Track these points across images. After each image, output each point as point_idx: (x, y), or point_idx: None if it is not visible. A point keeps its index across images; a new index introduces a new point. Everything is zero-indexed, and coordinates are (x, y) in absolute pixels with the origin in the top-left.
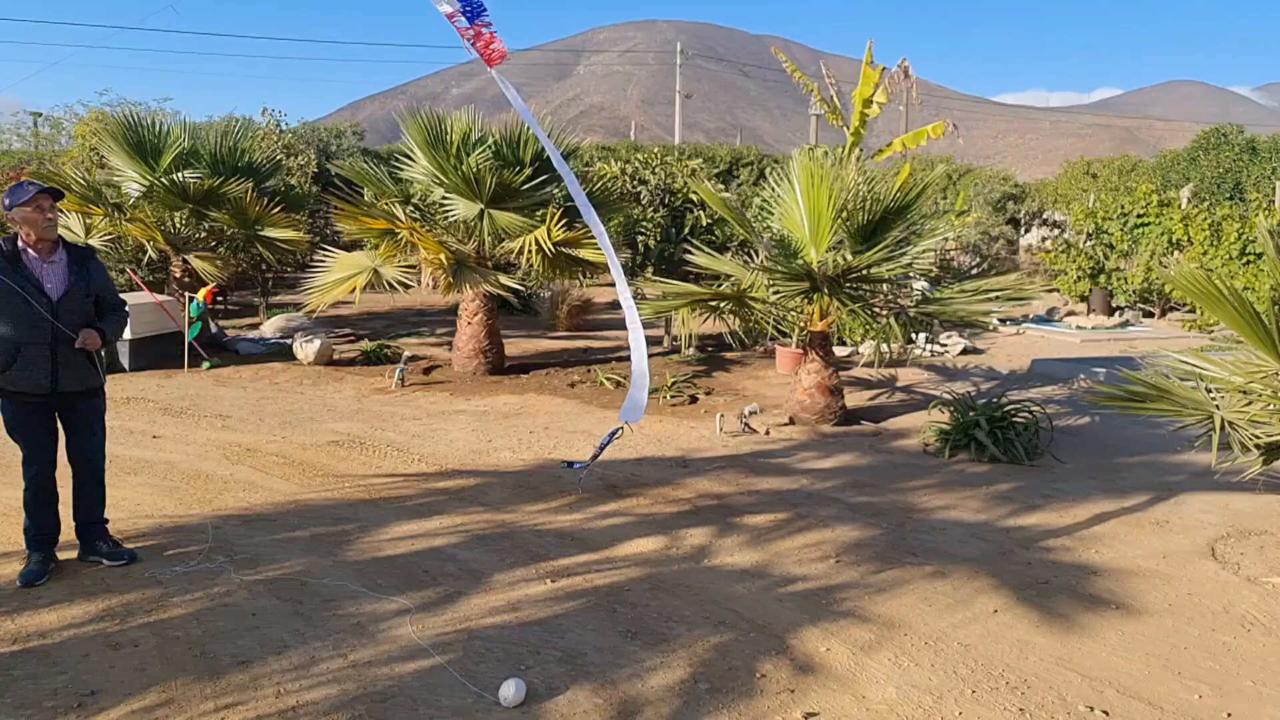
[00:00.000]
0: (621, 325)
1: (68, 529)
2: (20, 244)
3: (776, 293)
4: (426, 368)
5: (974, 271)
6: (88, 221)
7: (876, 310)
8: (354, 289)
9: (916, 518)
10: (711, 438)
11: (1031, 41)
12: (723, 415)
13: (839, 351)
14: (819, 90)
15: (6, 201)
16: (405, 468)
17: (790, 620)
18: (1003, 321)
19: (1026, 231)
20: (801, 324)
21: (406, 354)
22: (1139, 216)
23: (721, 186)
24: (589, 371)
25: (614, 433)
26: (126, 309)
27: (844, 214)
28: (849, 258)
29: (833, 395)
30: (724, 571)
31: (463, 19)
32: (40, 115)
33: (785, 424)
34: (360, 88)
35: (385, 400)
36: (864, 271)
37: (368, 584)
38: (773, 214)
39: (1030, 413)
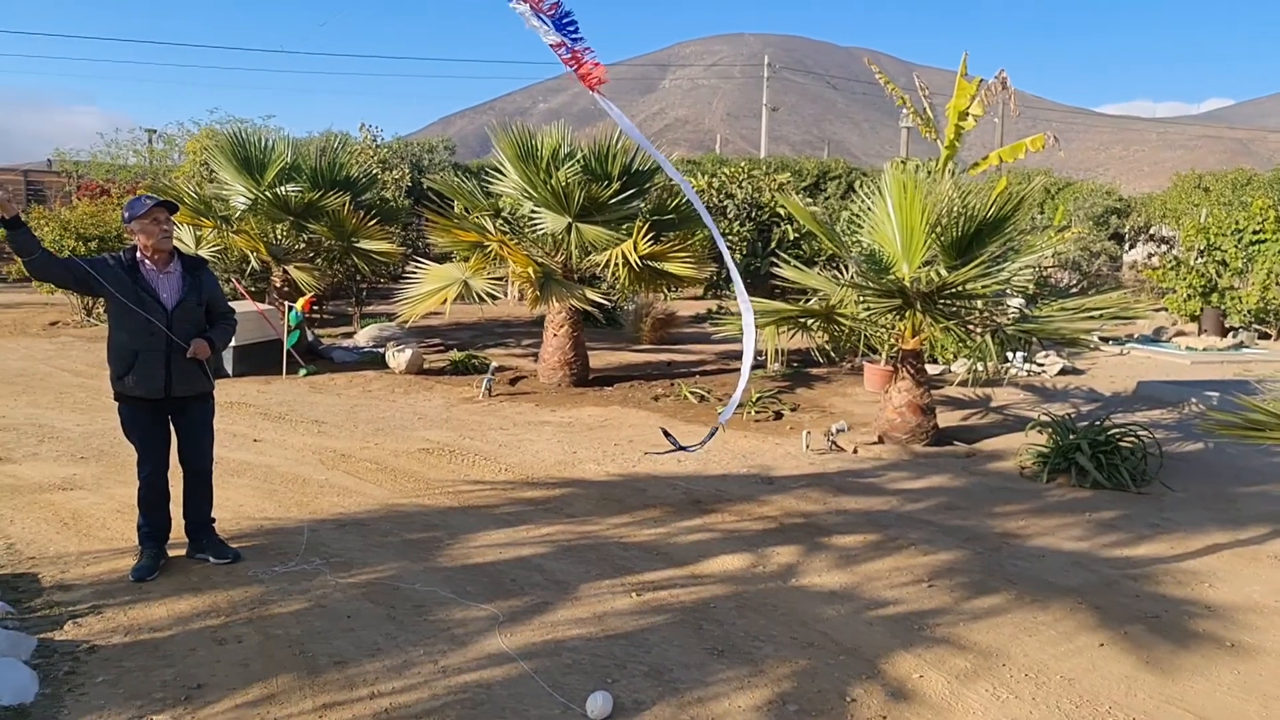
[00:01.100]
0: (705, 339)
1: (177, 527)
2: (138, 255)
3: (867, 309)
4: (513, 378)
5: (1074, 289)
6: (198, 233)
7: (971, 328)
8: (444, 300)
9: (1013, 543)
10: (798, 455)
11: (1136, 50)
12: (809, 432)
13: (929, 369)
14: (911, 102)
15: (126, 214)
16: (493, 476)
17: (881, 644)
18: (1105, 341)
19: (1131, 247)
20: (892, 340)
21: (494, 364)
22: (1255, 233)
23: (810, 200)
24: (673, 385)
25: (713, 432)
26: (235, 317)
27: (938, 229)
28: (943, 273)
29: (924, 414)
30: (812, 592)
31: (564, 49)
32: (154, 132)
33: (874, 443)
34: (451, 103)
35: (473, 409)
36: (959, 288)
37: (457, 590)
38: (862, 228)
39: (1137, 437)
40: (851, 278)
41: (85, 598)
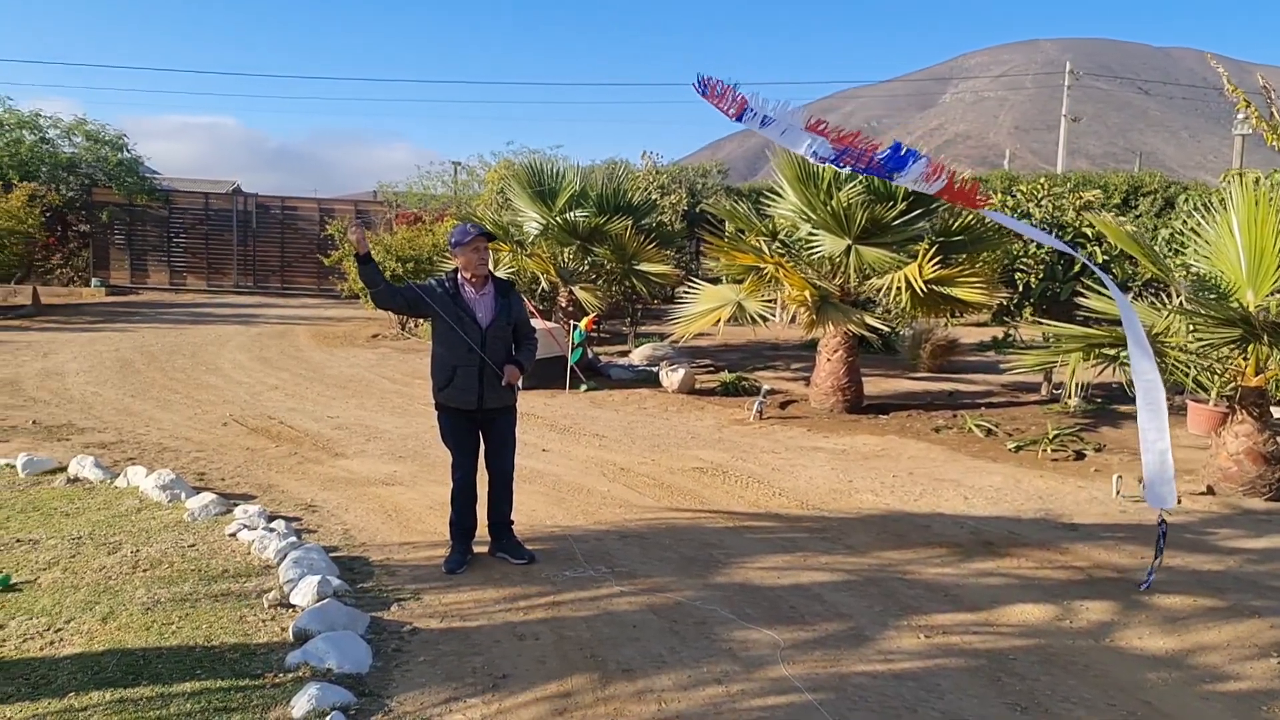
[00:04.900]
0: (990, 369)
1: (481, 526)
2: (460, 278)
3: (1199, 339)
4: (783, 402)
5: None
6: (495, 256)
7: None
8: (717, 321)
9: None
10: (1105, 500)
11: None
12: (1120, 476)
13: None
14: (1255, 106)
15: (452, 240)
16: (766, 501)
17: None
18: None
19: None
20: (1227, 377)
21: (766, 387)
22: None
23: (1124, 219)
24: (955, 416)
25: (1161, 525)
26: (536, 338)
27: None
28: None
29: (1269, 464)
30: (1130, 654)
31: (925, 182)
32: (459, 164)
33: (1201, 493)
34: (719, 127)
35: (744, 431)
36: None
37: (736, 611)
38: (1187, 249)
39: None
40: (1181, 304)
41: (406, 582)
